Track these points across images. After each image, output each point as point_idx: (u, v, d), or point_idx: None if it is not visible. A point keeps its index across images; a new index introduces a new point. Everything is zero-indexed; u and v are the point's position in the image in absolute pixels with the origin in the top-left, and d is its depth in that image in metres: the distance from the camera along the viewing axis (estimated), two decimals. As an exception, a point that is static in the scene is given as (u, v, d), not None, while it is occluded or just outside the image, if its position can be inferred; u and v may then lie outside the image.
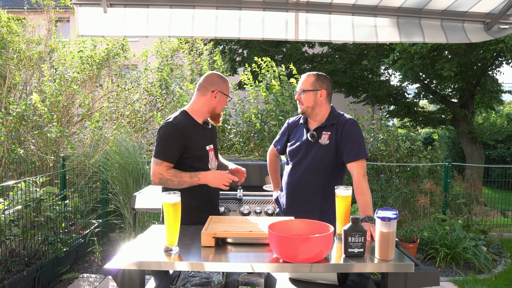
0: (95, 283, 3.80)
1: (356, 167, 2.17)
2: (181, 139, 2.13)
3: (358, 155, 2.18)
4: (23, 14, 7.98)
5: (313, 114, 2.31)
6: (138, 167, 4.48)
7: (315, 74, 2.32)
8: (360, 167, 2.17)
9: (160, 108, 6.66)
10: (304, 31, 2.74)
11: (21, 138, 5.54)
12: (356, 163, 2.17)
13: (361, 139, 2.24)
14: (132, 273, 1.61)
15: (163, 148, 2.12)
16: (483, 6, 2.61)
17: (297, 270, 1.66)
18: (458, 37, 2.75)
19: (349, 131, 2.24)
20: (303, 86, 2.31)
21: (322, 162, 2.27)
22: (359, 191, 2.10)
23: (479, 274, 4.24)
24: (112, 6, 2.57)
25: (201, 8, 2.63)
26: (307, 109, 2.30)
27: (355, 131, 2.24)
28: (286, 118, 5.69)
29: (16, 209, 3.39)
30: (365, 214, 2.02)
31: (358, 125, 2.29)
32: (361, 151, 2.19)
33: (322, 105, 2.31)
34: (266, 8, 2.66)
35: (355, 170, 2.16)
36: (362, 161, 2.19)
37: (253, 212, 2.74)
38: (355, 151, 2.19)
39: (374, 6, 2.68)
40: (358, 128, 2.27)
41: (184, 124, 2.17)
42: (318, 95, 2.28)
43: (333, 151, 2.26)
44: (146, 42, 7.65)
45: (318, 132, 2.31)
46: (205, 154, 2.25)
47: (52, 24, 7.18)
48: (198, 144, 2.22)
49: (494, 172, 9.95)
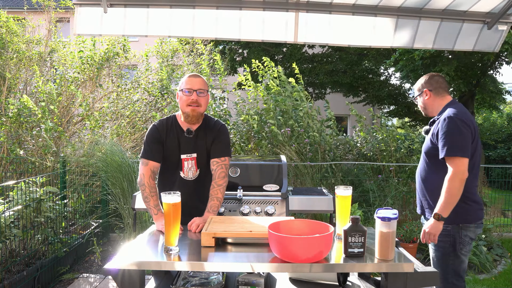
0: (95, 283, 3.80)
1: (448, 163, 2.16)
2: (159, 139, 2.23)
3: (443, 151, 2.16)
4: (23, 14, 7.98)
5: (429, 112, 2.47)
6: (130, 170, 4.54)
7: (421, 79, 2.48)
8: (451, 165, 2.13)
9: (160, 108, 6.66)
10: (304, 33, 2.75)
11: (21, 138, 5.54)
12: (447, 159, 2.16)
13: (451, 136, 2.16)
14: (132, 273, 1.61)
15: (145, 148, 2.23)
16: (483, 5, 2.61)
17: (297, 270, 1.65)
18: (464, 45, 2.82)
19: (441, 127, 2.22)
20: (414, 91, 2.55)
21: (427, 155, 2.35)
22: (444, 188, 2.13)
23: (479, 274, 4.23)
24: (112, 6, 2.58)
25: (201, 8, 2.63)
26: (424, 111, 2.49)
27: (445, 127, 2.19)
28: (286, 118, 5.70)
29: (16, 209, 3.39)
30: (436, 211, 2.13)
31: (453, 120, 2.18)
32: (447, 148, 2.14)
33: (433, 102, 2.41)
34: (266, 8, 2.66)
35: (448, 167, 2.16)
36: (452, 158, 2.13)
37: (253, 212, 2.74)
38: (441, 148, 2.19)
39: (374, 5, 2.68)
40: (449, 125, 2.18)
41: (163, 126, 2.25)
42: (424, 96, 2.43)
43: (433, 145, 2.28)
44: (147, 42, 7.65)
45: (430, 126, 2.44)
46: (175, 162, 2.26)
47: (52, 24, 7.18)
48: (171, 150, 2.24)
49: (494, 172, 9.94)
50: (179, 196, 1.67)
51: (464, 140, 2.14)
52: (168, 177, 2.31)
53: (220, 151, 2.25)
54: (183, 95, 2.18)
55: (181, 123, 2.27)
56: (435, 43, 2.80)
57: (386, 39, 2.79)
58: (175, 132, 2.25)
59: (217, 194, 2.18)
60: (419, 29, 2.76)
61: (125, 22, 2.61)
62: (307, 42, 2.80)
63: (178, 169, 2.27)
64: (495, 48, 2.82)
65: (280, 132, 5.44)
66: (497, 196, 6.36)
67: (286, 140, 5.43)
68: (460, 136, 2.14)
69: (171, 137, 2.24)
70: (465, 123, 2.17)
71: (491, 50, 2.83)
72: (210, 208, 2.15)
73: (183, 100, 2.18)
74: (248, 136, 5.75)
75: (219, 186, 2.19)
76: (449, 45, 2.82)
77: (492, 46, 2.81)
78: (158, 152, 2.22)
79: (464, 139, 2.14)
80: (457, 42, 2.79)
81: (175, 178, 2.28)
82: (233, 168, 2.93)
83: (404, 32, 2.78)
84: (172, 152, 2.25)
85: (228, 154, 2.28)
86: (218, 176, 2.21)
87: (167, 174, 2.31)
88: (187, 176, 2.27)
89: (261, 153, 5.46)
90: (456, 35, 2.78)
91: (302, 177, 5.19)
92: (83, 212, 4.90)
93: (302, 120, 5.63)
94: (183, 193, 2.11)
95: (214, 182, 2.20)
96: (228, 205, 2.77)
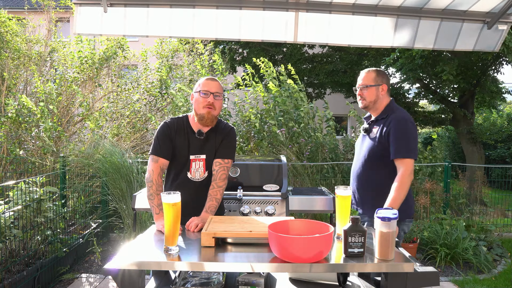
0: (95, 283, 3.79)
1: (399, 164, 2.19)
2: (170, 137, 2.23)
3: (399, 153, 2.19)
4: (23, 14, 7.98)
5: (374, 108, 2.41)
6: (128, 171, 4.54)
7: (376, 70, 2.41)
8: (402, 165, 2.18)
9: (160, 108, 6.66)
10: (303, 33, 2.75)
11: (21, 138, 5.54)
12: (399, 160, 2.19)
13: (407, 138, 2.22)
14: (132, 273, 1.60)
15: (155, 145, 2.22)
16: (483, 5, 2.61)
17: (297, 270, 1.65)
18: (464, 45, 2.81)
19: (396, 129, 2.24)
20: (364, 81, 2.40)
21: (372, 155, 2.33)
22: (394, 185, 2.15)
23: (479, 274, 4.23)
24: (112, 5, 2.58)
25: (201, 7, 2.63)
26: (370, 104, 2.40)
27: (401, 129, 2.23)
28: (286, 118, 5.70)
29: (16, 209, 3.38)
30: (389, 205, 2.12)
31: (407, 123, 2.26)
32: (401, 150, 2.19)
33: (383, 99, 2.39)
34: (266, 8, 2.66)
35: (398, 167, 2.20)
36: (405, 159, 2.18)
37: (253, 212, 2.74)
38: (394, 149, 2.21)
39: (374, 5, 2.68)
40: (405, 127, 2.24)
41: (174, 125, 2.25)
42: (380, 89, 2.38)
43: (380, 145, 2.29)
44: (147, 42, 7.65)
45: (370, 125, 2.41)
46: (183, 162, 2.26)
47: (52, 24, 7.18)
48: (180, 150, 2.24)
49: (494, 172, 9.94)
50: (179, 196, 1.67)
51: (415, 142, 2.25)
52: (174, 177, 2.31)
53: (225, 152, 2.26)
54: (200, 97, 2.18)
55: (193, 124, 2.27)
56: (435, 43, 2.80)
57: (386, 39, 2.79)
58: (186, 132, 2.26)
59: (216, 195, 2.18)
60: (419, 29, 2.76)
61: (125, 22, 2.61)
62: (307, 42, 2.80)
63: (185, 169, 2.27)
64: (495, 48, 2.82)
65: (282, 132, 5.44)
66: (497, 196, 6.36)
67: (286, 140, 5.43)
68: (414, 139, 2.24)
69: (181, 136, 2.25)
70: (414, 126, 2.28)
71: (491, 50, 2.84)
72: (208, 208, 2.15)
73: (199, 102, 2.19)
74: (248, 136, 5.75)
75: (219, 187, 2.20)
76: (449, 45, 2.82)
77: (492, 46, 2.82)
78: (168, 149, 2.22)
79: (415, 141, 2.25)
80: (458, 42, 2.80)
81: (181, 178, 2.28)
82: (233, 168, 2.92)
83: (404, 32, 2.78)
84: (181, 152, 2.25)
85: (231, 157, 2.29)
86: (219, 178, 2.21)
87: (174, 173, 2.30)
88: (194, 177, 2.27)
89: (261, 153, 5.46)
90: (457, 35, 2.78)
91: (302, 177, 5.19)
92: (83, 212, 4.89)
93: (302, 120, 5.63)
94: (188, 193, 2.12)
95: (215, 183, 2.20)
96: (228, 205, 2.77)
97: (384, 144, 2.28)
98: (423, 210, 5.16)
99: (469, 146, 8.86)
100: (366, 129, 2.43)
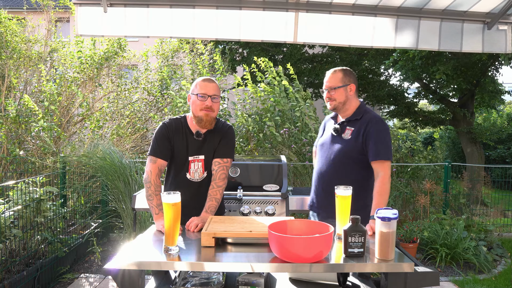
0: (95, 283, 3.80)
1: (377, 166, 2.17)
2: (168, 138, 2.23)
3: (379, 155, 2.17)
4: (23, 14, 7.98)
5: (343, 109, 2.35)
6: (126, 172, 4.55)
7: (342, 70, 2.34)
8: (381, 168, 2.16)
9: (160, 108, 6.66)
10: (303, 33, 2.75)
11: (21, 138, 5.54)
12: (377, 162, 2.18)
13: (386, 140, 2.21)
14: (132, 273, 1.61)
15: (153, 145, 2.22)
16: (483, 6, 2.61)
17: (297, 270, 1.65)
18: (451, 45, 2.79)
19: (374, 131, 2.22)
20: (332, 83, 2.33)
21: (345, 156, 2.28)
22: (377, 190, 2.12)
23: (479, 274, 4.23)
24: (112, 6, 2.58)
25: (201, 8, 2.63)
26: (339, 105, 2.33)
27: (380, 131, 2.22)
28: (284, 118, 5.69)
29: (16, 209, 3.38)
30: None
31: (385, 125, 2.25)
32: (381, 152, 2.17)
33: (352, 99, 2.34)
34: (266, 8, 2.66)
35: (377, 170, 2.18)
36: (383, 161, 2.17)
37: (253, 212, 2.74)
38: (374, 151, 2.19)
39: (374, 5, 2.68)
40: (383, 129, 2.23)
41: (172, 125, 2.25)
42: (348, 89, 2.32)
43: (355, 146, 2.26)
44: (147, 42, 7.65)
45: (342, 126, 2.35)
46: (181, 162, 2.26)
47: (52, 24, 7.17)
48: (178, 150, 2.24)
49: (494, 172, 9.94)
50: (179, 196, 1.67)
51: (391, 144, 2.24)
52: (173, 177, 2.31)
53: (223, 152, 2.25)
54: (197, 100, 2.16)
55: (191, 125, 2.26)
56: (440, 45, 2.78)
57: (388, 39, 2.78)
58: (184, 133, 2.25)
59: (216, 195, 2.18)
60: (421, 30, 2.75)
61: (125, 22, 2.61)
62: (306, 42, 2.80)
63: (184, 169, 2.27)
64: (506, 49, 2.79)
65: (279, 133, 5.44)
66: (497, 196, 6.36)
67: (284, 141, 5.43)
68: (390, 140, 2.23)
69: (179, 137, 2.24)
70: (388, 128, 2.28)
71: (503, 51, 2.80)
72: (208, 208, 2.15)
73: (196, 105, 2.17)
74: (247, 137, 5.75)
75: (218, 187, 2.20)
76: (456, 46, 2.79)
77: (502, 47, 2.78)
78: (167, 150, 2.22)
79: (391, 142, 2.24)
80: (464, 43, 2.77)
81: (180, 179, 2.28)
82: (233, 168, 2.92)
83: (405, 32, 2.78)
84: (180, 153, 2.25)
85: (231, 156, 2.28)
86: (219, 177, 2.21)
87: (173, 174, 2.30)
88: (193, 177, 2.27)
89: (261, 153, 5.46)
90: (461, 36, 2.76)
91: (303, 177, 5.19)
92: (83, 212, 4.89)
93: (298, 120, 5.62)
94: (187, 194, 2.12)
95: (214, 183, 2.20)
96: (228, 205, 2.77)
97: (359, 146, 2.25)
98: (423, 210, 5.16)
99: (469, 146, 8.87)
100: (337, 130, 2.35)
